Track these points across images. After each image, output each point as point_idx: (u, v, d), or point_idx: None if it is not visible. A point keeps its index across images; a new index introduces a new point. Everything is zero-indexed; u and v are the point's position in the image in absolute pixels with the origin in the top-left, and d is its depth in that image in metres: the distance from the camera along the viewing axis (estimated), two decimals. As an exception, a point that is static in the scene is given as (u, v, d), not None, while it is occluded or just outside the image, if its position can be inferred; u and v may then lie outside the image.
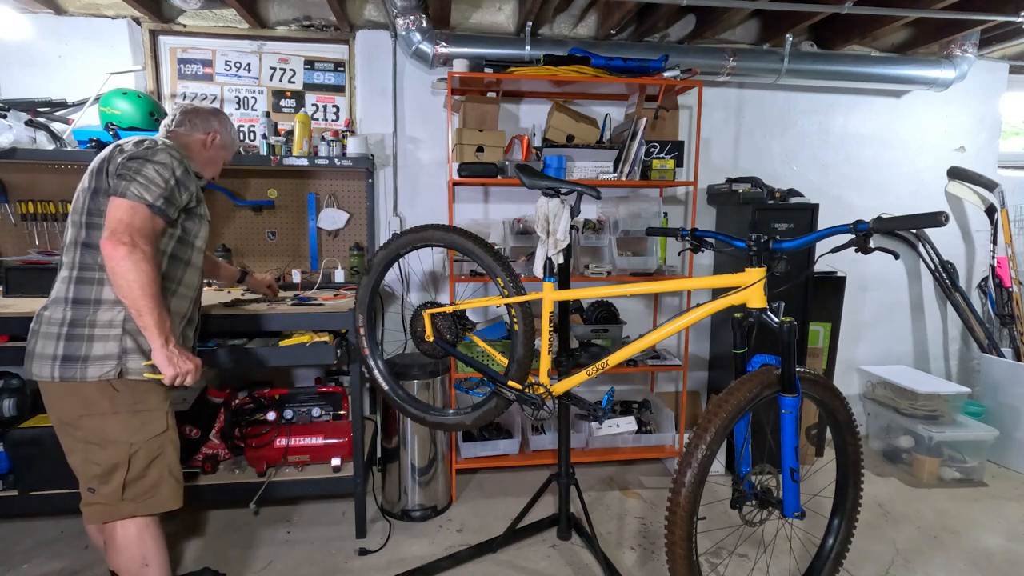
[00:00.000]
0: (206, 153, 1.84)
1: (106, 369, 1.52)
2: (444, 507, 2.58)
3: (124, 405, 1.57)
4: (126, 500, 1.59)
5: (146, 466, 1.61)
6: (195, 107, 1.83)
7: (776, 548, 2.24)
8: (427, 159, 2.95)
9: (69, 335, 1.52)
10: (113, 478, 1.57)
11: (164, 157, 1.58)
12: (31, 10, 2.58)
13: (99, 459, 1.57)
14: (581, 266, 2.73)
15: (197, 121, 1.80)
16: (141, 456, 1.60)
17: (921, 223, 1.38)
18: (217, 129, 1.85)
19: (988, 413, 3.11)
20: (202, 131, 1.81)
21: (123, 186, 1.50)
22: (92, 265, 1.55)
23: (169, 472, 1.66)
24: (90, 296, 1.54)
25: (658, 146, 2.71)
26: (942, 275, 3.32)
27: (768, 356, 1.67)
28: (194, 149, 1.80)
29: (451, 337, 2.00)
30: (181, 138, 1.78)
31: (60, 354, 1.51)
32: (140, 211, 1.50)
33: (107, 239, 1.46)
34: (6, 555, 2.19)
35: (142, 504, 1.62)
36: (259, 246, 2.80)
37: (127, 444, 1.58)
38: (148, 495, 1.63)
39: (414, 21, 2.63)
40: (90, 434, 1.56)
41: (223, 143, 1.88)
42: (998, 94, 3.37)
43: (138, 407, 1.59)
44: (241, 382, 2.71)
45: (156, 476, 1.64)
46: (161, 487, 1.65)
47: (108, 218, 1.49)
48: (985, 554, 2.28)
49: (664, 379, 3.28)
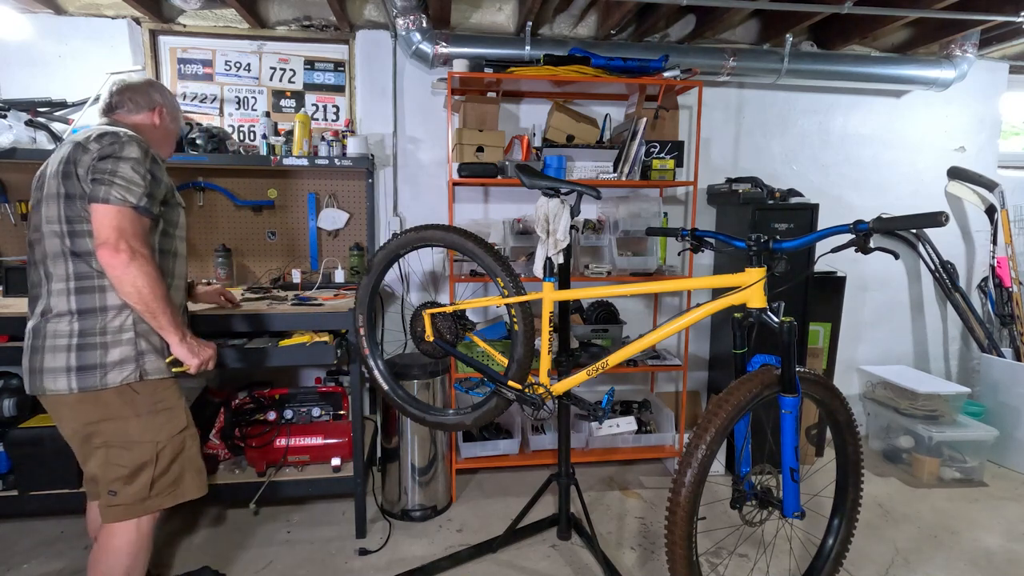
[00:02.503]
0: (157, 132, 1.71)
1: (126, 373, 1.52)
2: (444, 507, 2.58)
3: (144, 407, 1.57)
4: (153, 496, 1.60)
5: (171, 461, 1.63)
6: (128, 83, 1.68)
7: (776, 548, 2.24)
8: (427, 159, 2.95)
9: (81, 345, 1.49)
10: (140, 477, 1.58)
11: (134, 151, 1.49)
12: (31, 10, 2.58)
13: (124, 461, 1.56)
14: (581, 266, 2.73)
15: (138, 99, 1.66)
16: (167, 453, 1.62)
17: (921, 223, 1.38)
18: (161, 102, 1.71)
19: (988, 413, 3.11)
20: (146, 108, 1.67)
21: (103, 191, 1.44)
22: (89, 273, 1.51)
23: (191, 463, 1.69)
24: (95, 304, 1.51)
25: (658, 146, 2.71)
26: (942, 275, 3.32)
27: (768, 356, 1.67)
28: (144, 130, 1.66)
29: (451, 337, 2.00)
30: (125, 121, 1.65)
31: (75, 365, 1.49)
32: (128, 215, 1.45)
33: (103, 250, 1.42)
34: (6, 555, 2.20)
35: (168, 496, 1.64)
36: (259, 246, 2.80)
37: (153, 443, 1.59)
38: (172, 487, 1.65)
39: (414, 21, 2.63)
40: (112, 438, 1.56)
41: (172, 115, 1.75)
42: (998, 94, 3.37)
43: (158, 407, 1.59)
44: (241, 382, 2.71)
45: (179, 470, 1.66)
46: (184, 478, 1.67)
47: (96, 227, 1.44)
48: (985, 554, 2.28)
49: (664, 379, 3.28)
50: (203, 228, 2.75)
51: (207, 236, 2.75)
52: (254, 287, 2.61)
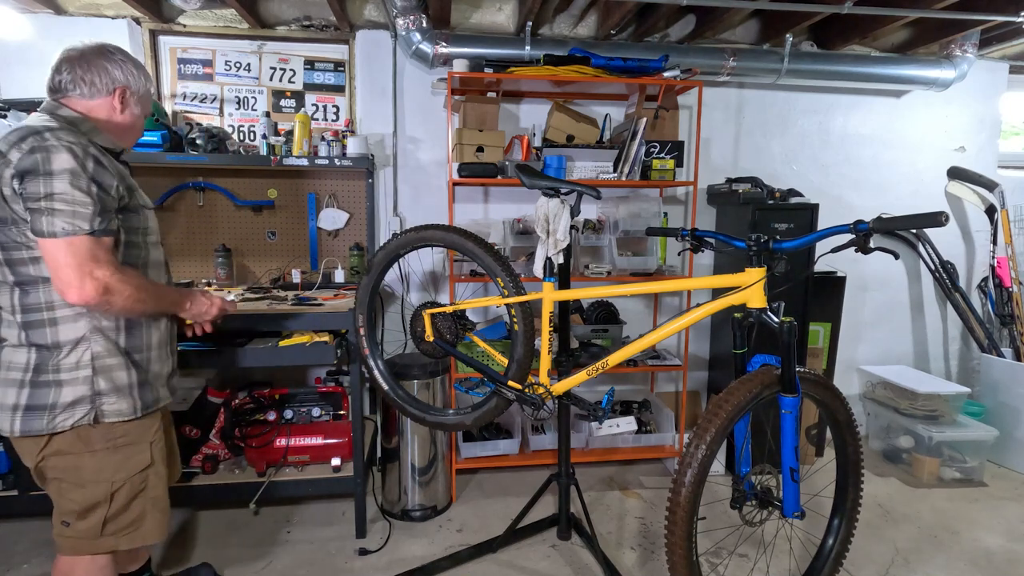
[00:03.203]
0: (118, 117, 1.41)
1: (79, 416, 1.34)
2: (444, 507, 2.58)
3: (100, 443, 1.38)
4: (106, 535, 1.43)
5: (129, 501, 1.44)
6: (79, 54, 1.36)
7: (776, 548, 2.24)
8: (427, 159, 2.95)
9: (35, 382, 1.32)
10: (91, 516, 1.40)
11: (65, 160, 1.22)
12: (31, 10, 2.58)
13: (75, 497, 1.39)
14: (581, 266, 2.73)
15: (93, 78, 1.36)
16: (124, 493, 1.43)
17: (921, 223, 1.39)
18: (124, 82, 1.40)
19: (988, 413, 3.11)
20: (105, 90, 1.38)
21: (46, 223, 1.21)
22: (37, 306, 1.31)
23: (153, 504, 1.50)
24: (46, 340, 1.32)
25: (658, 146, 2.71)
26: (942, 275, 3.32)
27: (768, 356, 1.67)
28: (101, 117, 1.39)
29: (451, 337, 2.00)
30: (76, 108, 1.36)
31: (23, 403, 1.32)
32: (82, 244, 1.24)
33: (68, 293, 1.25)
34: (6, 555, 2.19)
35: (124, 538, 1.45)
36: (259, 246, 2.80)
37: (108, 483, 1.40)
38: (130, 528, 1.46)
39: (414, 21, 2.63)
40: (64, 474, 1.38)
41: (139, 97, 1.44)
42: (998, 94, 3.37)
43: (117, 442, 1.40)
44: (241, 382, 2.71)
45: (139, 509, 1.47)
46: (145, 519, 1.48)
47: (51, 267, 1.25)
48: (985, 554, 2.28)
49: (664, 379, 3.28)
50: (203, 228, 2.75)
51: (207, 236, 2.75)
52: (254, 287, 2.61)
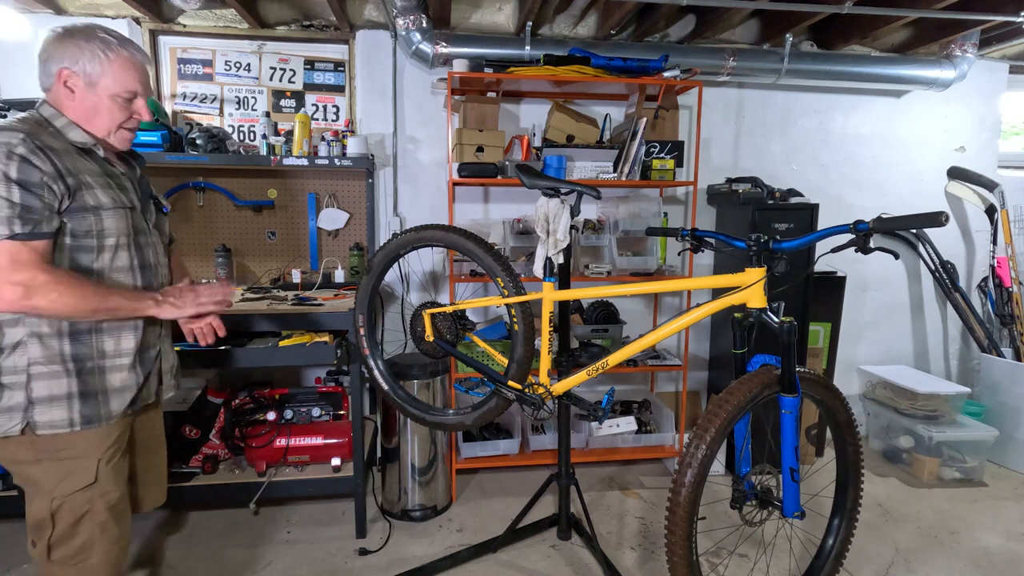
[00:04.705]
0: (71, 104, 1.31)
1: (12, 423, 1.25)
2: (444, 507, 2.58)
3: (45, 451, 1.29)
4: (53, 563, 1.33)
5: (73, 524, 1.32)
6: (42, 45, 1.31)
7: (776, 548, 2.24)
8: (427, 159, 2.95)
9: None
10: (41, 538, 1.32)
11: None
12: (31, 10, 2.58)
13: (31, 509, 1.32)
14: (581, 266, 2.73)
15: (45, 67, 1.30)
16: (65, 512, 1.31)
17: (921, 223, 1.39)
18: (64, 63, 1.28)
19: (988, 413, 3.11)
20: (53, 77, 1.30)
21: None
22: None
23: (105, 533, 1.35)
24: None
25: (658, 146, 2.71)
26: (942, 275, 3.32)
27: (768, 356, 1.67)
28: (63, 108, 1.32)
29: (451, 337, 2.00)
30: (51, 101, 1.32)
31: None
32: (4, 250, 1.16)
33: None
34: (6, 555, 2.19)
35: (71, 568, 1.33)
36: (259, 246, 2.80)
37: (49, 497, 1.30)
38: (75, 559, 1.33)
39: (414, 21, 2.63)
40: (22, 481, 1.34)
41: (88, 79, 1.30)
42: (998, 94, 3.37)
43: (61, 454, 1.30)
44: (241, 382, 2.71)
45: (86, 538, 1.33)
46: (93, 551, 1.33)
47: None
48: (985, 554, 2.28)
49: (664, 379, 3.28)
50: (203, 228, 2.75)
51: (207, 236, 2.75)
52: (254, 287, 2.61)
